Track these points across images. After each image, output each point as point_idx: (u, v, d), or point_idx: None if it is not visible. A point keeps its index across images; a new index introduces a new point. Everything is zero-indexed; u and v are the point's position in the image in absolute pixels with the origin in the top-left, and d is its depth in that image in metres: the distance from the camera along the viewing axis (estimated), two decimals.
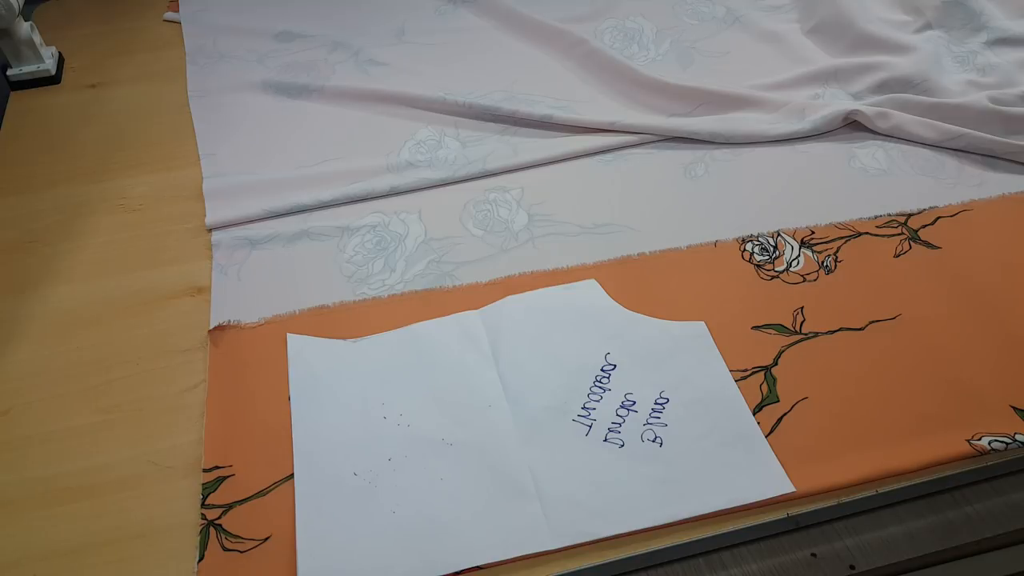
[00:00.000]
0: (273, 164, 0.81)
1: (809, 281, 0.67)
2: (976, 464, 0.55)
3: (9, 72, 0.92)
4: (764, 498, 0.52)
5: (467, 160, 0.80)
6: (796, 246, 0.70)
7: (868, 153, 0.80)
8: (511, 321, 0.64)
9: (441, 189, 0.78)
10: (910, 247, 0.70)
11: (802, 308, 0.65)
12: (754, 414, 0.58)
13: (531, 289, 0.67)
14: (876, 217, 0.73)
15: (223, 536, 0.52)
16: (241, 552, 0.51)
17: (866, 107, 0.82)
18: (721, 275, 0.68)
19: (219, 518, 0.53)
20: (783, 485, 0.53)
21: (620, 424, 0.57)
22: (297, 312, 0.66)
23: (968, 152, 0.80)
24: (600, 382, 0.60)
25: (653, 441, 0.56)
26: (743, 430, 0.56)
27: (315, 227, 0.74)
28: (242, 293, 0.68)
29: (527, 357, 0.61)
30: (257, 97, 0.90)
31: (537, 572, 0.50)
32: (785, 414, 0.58)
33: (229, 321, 0.65)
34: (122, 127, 0.87)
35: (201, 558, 0.51)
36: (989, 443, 0.55)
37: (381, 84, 0.90)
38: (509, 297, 0.66)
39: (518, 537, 0.51)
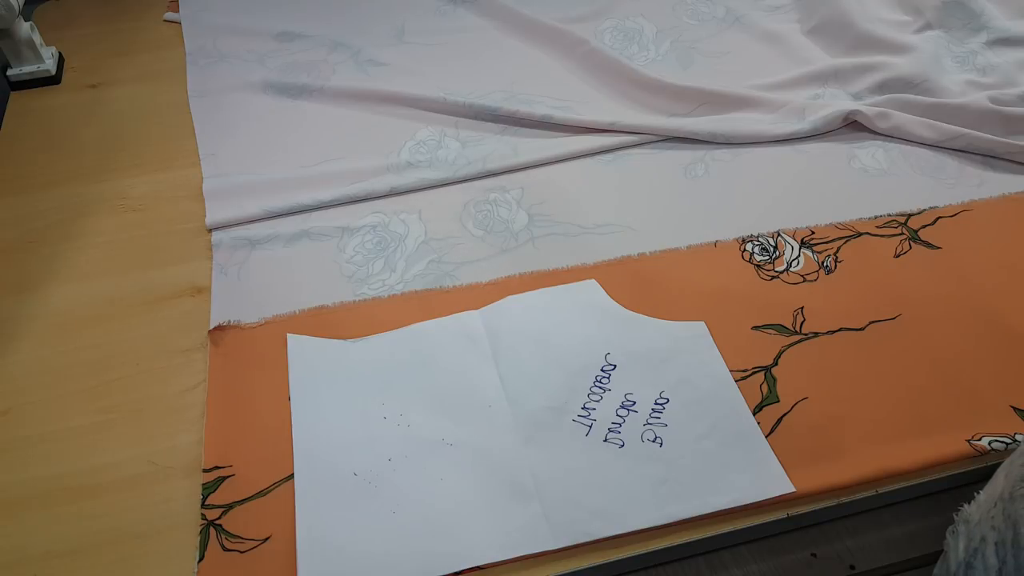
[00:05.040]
0: (273, 164, 0.81)
1: (809, 281, 0.67)
2: (976, 464, 0.55)
3: (9, 72, 0.92)
4: (764, 498, 0.52)
5: (467, 160, 0.80)
6: (796, 246, 0.70)
7: (868, 153, 0.80)
8: (511, 321, 0.64)
9: (441, 189, 0.78)
10: (910, 247, 0.70)
11: (802, 308, 0.65)
12: (754, 414, 0.57)
13: (531, 289, 0.67)
14: (876, 217, 0.73)
15: (223, 536, 0.52)
16: (241, 552, 0.51)
17: (866, 107, 0.82)
18: (721, 275, 0.68)
19: (219, 518, 0.53)
20: (783, 485, 0.53)
21: (620, 424, 0.57)
22: (297, 312, 0.66)
23: (968, 152, 0.80)
24: (600, 382, 0.60)
25: (653, 441, 0.56)
26: (743, 430, 0.56)
27: (315, 227, 0.74)
28: (242, 293, 0.68)
29: (527, 357, 0.61)
30: (257, 97, 0.90)
31: (537, 572, 0.50)
32: (785, 414, 0.58)
33: (229, 321, 0.65)
34: (122, 127, 0.87)
35: (201, 558, 0.51)
36: (989, 443, 0.55)
37: (381, 84, 0.90)
38: (509, 297, 0.66)
39: (518, 537, 0.51)
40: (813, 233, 0.72)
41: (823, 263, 0.69)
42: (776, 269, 0.69)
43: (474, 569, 0.50)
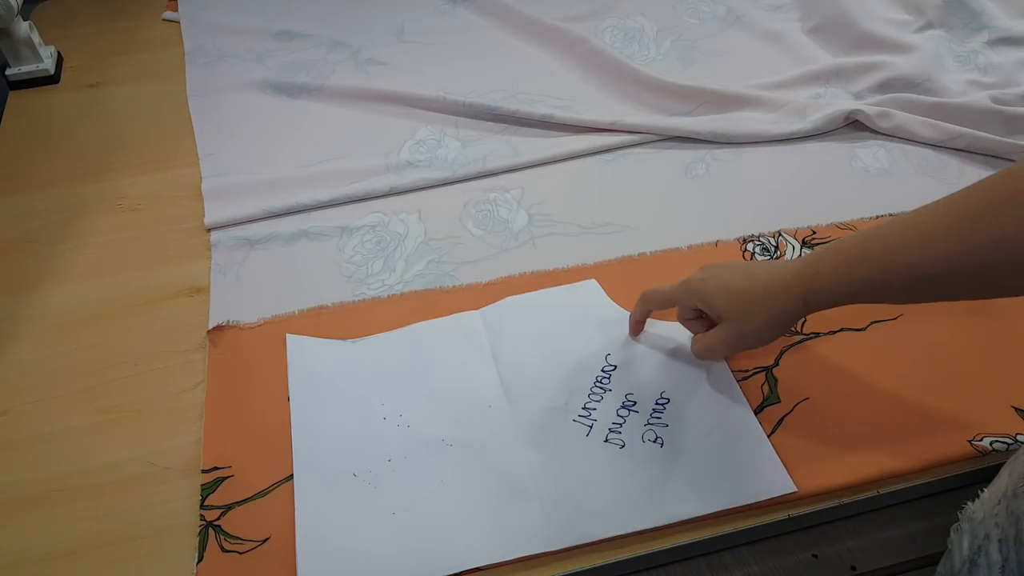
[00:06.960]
0: (272, 164, 0.81)
1: None
2: (977, 465, 0.55)
3: (8, 72, 0.92)
4: (765, 498, 0.52)
5: (467, 160, 0.80)
6: (797, 246, 0.70)
7: (869, 153, 0.80)
8: (511, 321, 0.64)
9: (441, 189, 0.78)
10: None
11: None
12: (755, 414, 0.57)
13: (531, 289, 0.67)
14: (877, 217, 0.73)
15: (222, 537, 0.52)
16: (240, 553, 0.51)
17: (867, 107, 0.82)
18: None
19: (218, 519, 0.53)
20: (784, 485, 0.53)
21: (621, 425, 0.57)
22: (296, 312, 0.66)
23: (969, 152, 0.79)
24: (600, 382, 0.59)
25: (654, 442, 0.56)
26: (744, 430, 0.56)
27: (314, 227, 0.74)
28: (241, 293, 0.68)
29: (527, 357, 0.61)
30: (256, 97, 0.90)
31: (537, 573, 0.50)
32: (786, 415, 0.57)
33: (228, 321, 0.65)
34: (121, 127, 0.87)
35: (200, 559, 0.51)
36: (991, 444, 0.55)
37: (381, 84, 0.89)
38: (509, 297, 0.66)
39: (518, 538, 0.51)
40: (814, 233, 0.71)
41: None
42: None
43: (474, 570, 0.50)
